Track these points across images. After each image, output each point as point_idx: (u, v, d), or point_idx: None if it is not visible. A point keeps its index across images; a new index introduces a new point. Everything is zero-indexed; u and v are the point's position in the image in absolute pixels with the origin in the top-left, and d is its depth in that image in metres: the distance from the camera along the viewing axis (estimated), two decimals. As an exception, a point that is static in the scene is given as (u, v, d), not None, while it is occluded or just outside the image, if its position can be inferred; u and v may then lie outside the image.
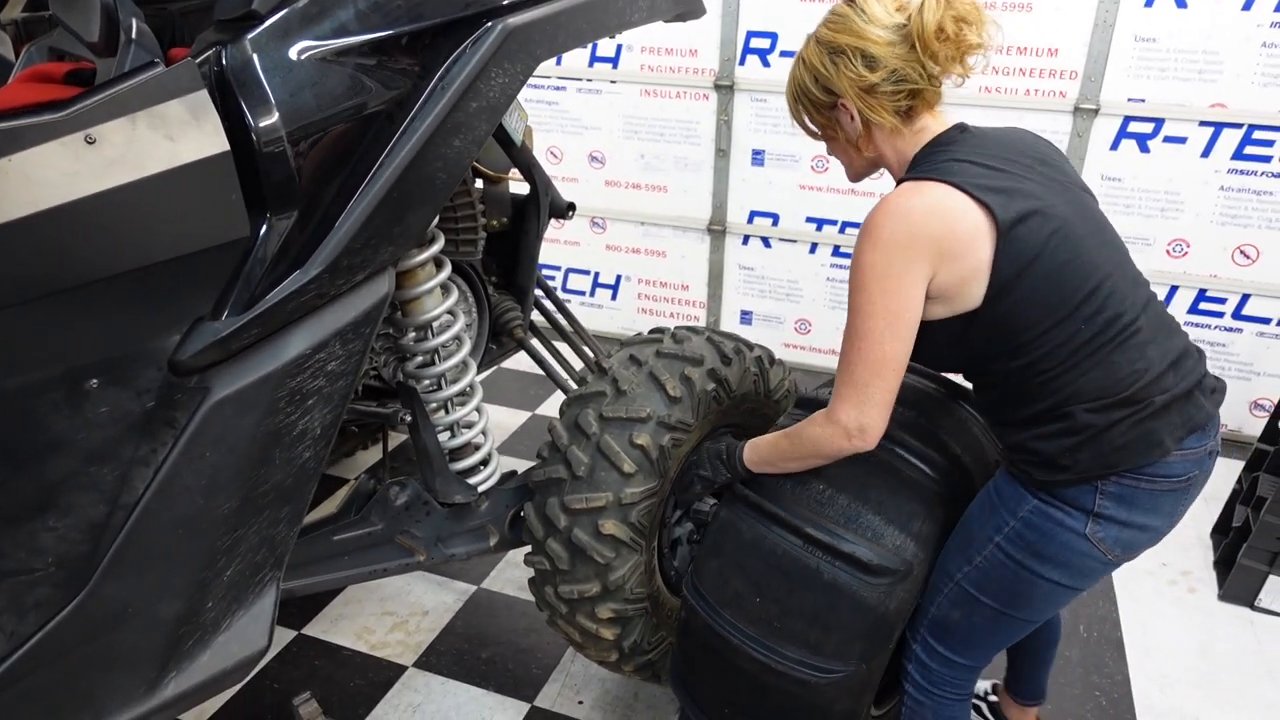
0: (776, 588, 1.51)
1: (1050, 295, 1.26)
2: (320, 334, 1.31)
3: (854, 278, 1.31)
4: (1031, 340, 1.28)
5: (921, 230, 1.24)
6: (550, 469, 1.82)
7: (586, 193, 3.94)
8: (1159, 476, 1.31)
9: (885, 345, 1.28)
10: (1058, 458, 1.30)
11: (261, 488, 1.30)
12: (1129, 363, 1.28)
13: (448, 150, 1.37)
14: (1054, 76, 3.16)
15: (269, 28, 1.20)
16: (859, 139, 1.40)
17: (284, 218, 1.23)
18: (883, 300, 1.27)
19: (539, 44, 1.46)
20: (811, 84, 1.38)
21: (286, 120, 1.20)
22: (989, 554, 1.40)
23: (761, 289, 3.89)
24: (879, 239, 1.27)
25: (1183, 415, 1.30)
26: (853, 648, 1.48)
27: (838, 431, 1.35)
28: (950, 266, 1.25)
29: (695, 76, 3.60)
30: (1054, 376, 1.29)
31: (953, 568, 1.46)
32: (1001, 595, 1.42)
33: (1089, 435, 1.28)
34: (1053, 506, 1.34)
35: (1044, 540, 1.35)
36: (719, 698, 1.67)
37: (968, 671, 1.54)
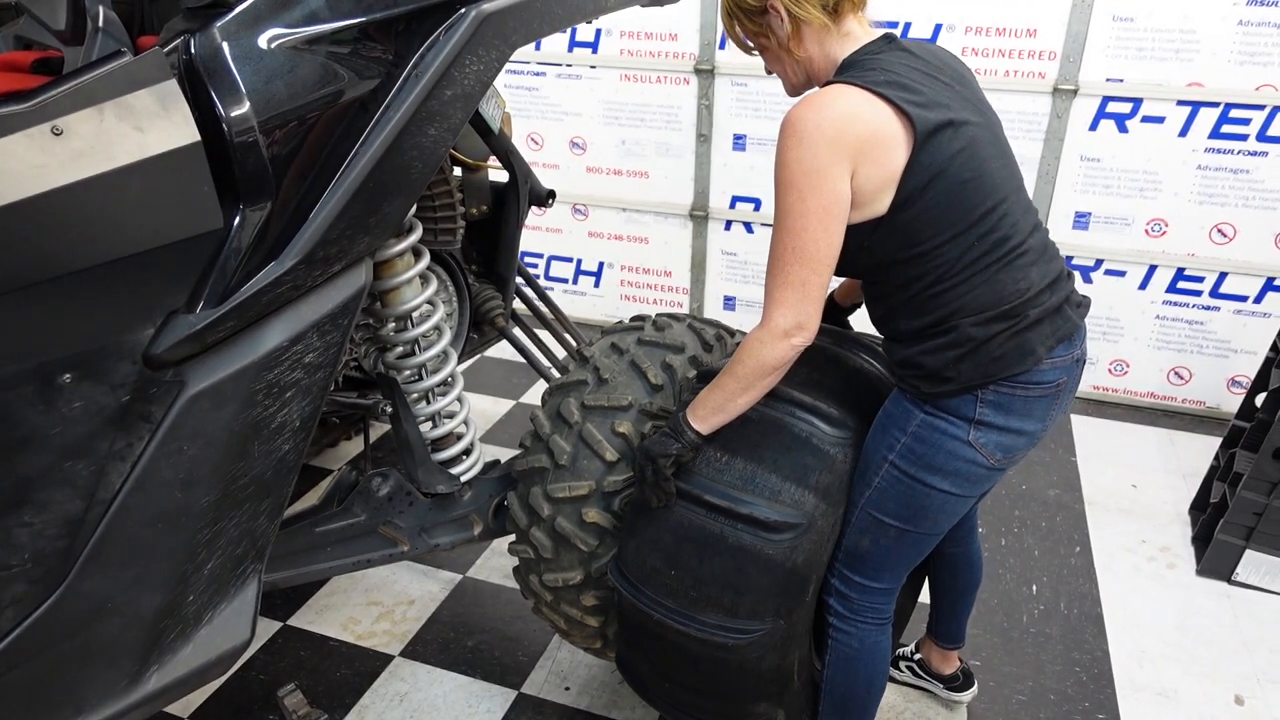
0: (687, 558, 1.54)
1: (950, 209, 1.31)
2: (297, 326, 1.30)
3: (781, 175, 1.31)
4: (928, 251, 1.33)
5: (846, 128, 1.26)
6: (533, 458, 1.82)
7: (568, 179, 3.92)
8: (1032, 384, 1.39)
9: (819, 241, 1.30)
10: (943, 370, 1.38)
11: (240, 481, 1.30)
12: (1013, 281, 1.36)
13: (423, 139, 1.36)
14: (1033, 57, 3.16)
15: (238, 15, 1.19)
16: (790, 41, 1.40)
17: (258, 209, 1.21)
18: (814, 197, 1.28)
19: (514, 30, 1.45)
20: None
21: (258, 110, 1.18)
22: (885, 473, 1.47)
23: (745, 274, 3.89)
24: (804, 134, 1.27)
25: (1053, 326, 1.40)
26: (767, 605, 1.51)
27: (776, 335, 1.35)
28: (867, 170, 1.28)
29: (675, 61, 3.58)
30: (944, 290, 1.35)
31: (856, 495, 1.53)
32: (902, 513, 1.49)
33: (970, 347, 1.36)
34: (937, 418, 1.41)
35: (932, 451, 1.42)
36: (656, 674, 1.71)
37: (884, 595, 1.60)
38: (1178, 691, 2.14)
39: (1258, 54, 2.95)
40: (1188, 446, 3.22)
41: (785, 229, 1.31)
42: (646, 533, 1.61)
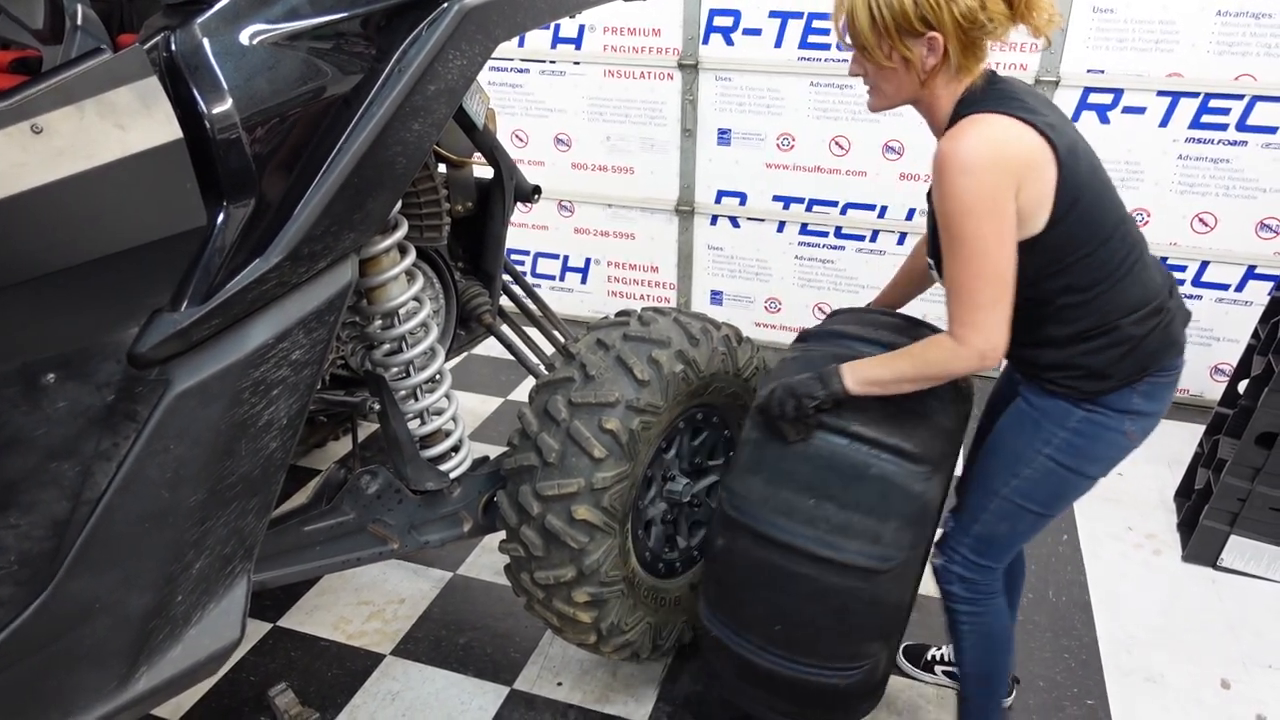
0: (831, 486, 1.56)
1: (1095, 220, 1.41)
2: (283, 323, 1.29)
3: (954, 207, 1.34)
4: (1081, 260, 1.41)
5: (1008, 152, 1.33)
6: (521, 456, 1.82)
7: (553, 176, 3.92)
8: (1172, 370, 1.53)
9: (1004, 261, 1.36)
10: (1105, 368, 1.47)
11: (228, 479, 1.29)
12: (1150, 279, 1.48)
13: (407, 134, 1.36)
14: (1014, 49, 3.18)
15: (218, 11, 1.18)
16: (923, 76, 1.40)
17: (241, 205, 1.21)
18: (991, 220, 1.34)
19: (497, 24, 1.45)
20: (911, 12, 1.33)
21: (240, 106, 1.18)
22: (1038, 465, 1.55)
23: (731, 269, 3.90)
24: (971, 164, 1.32)
25: (1184, 315, 1.55)
26: (905, 535, 1.55)
27: (971, 354, 1.40)
28: (1026, 191, 1.34)
29: (659, 56, 3.58)
30: (1099, 294, 1.44)
31: (998, 484, 1.60)
32: (1048, 500, 1.58)
33: (1131, 345, 1.46)
34: (1097, 414, 1.50)
35: (1093, 444, 1.52)
36: (770, 614, 1.68)
37: (998, 572, 1.71)
38: (1165, 676, 2.16)
39: (1236, 44, 2.97)
40: (1171, 434, 3.22)
41: (971, 254, 1.36)
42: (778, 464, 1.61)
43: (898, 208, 3.54)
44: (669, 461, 2.05)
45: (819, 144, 3.52)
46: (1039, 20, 1.38)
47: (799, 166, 3.59)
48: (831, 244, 3.70)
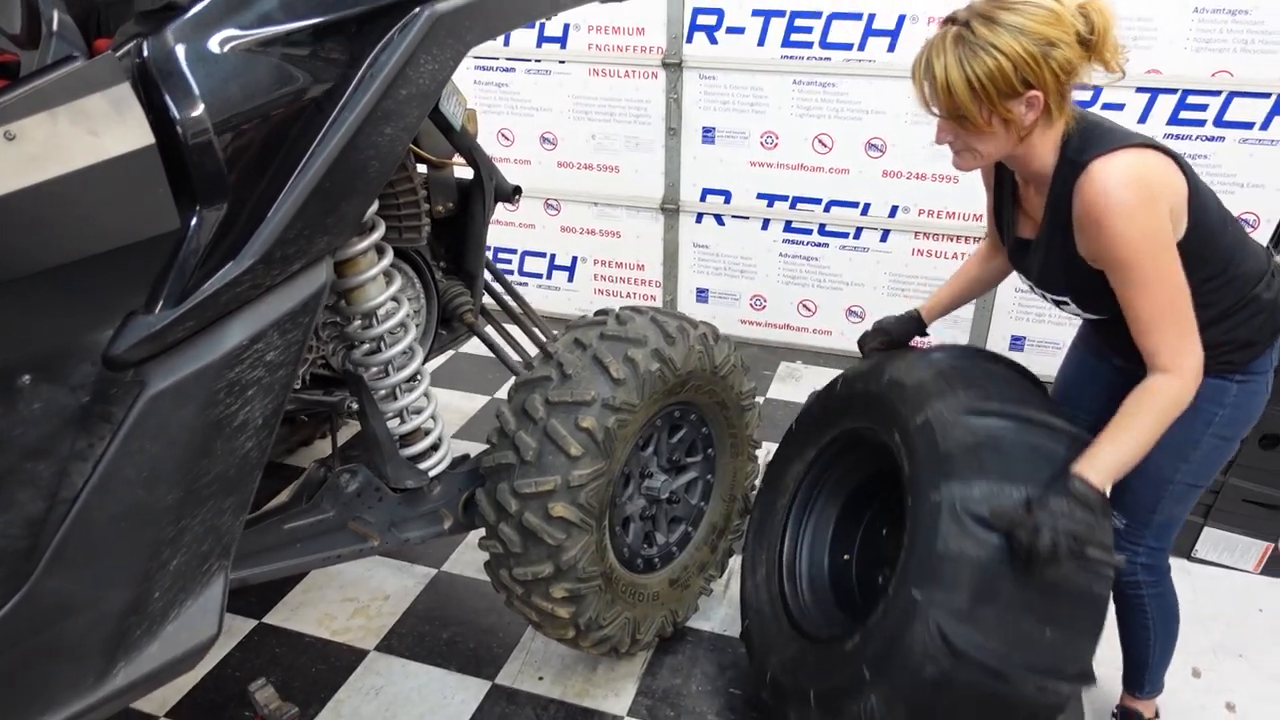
0: (1061, 613, 1.47)
1: (1214, 210, 1.51)
2: (257, 324, 1.31)
3: (1133, 251, 1.40)
4: (1215, 250, 1.51)
5: (1154, 184, 1.40)
6: (499, 454, 1.85)
7: (539, 175, 3.94)
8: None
9: (1183, 283, 1.44)
10: (1254, 336, 1.57)
11: (204, 479, 1.31)
12: (1256, 246, 1.61)
13: (379, 138, 1.38)
14: (994, 49, 3.20)
15: (191, 18, 1.20)
16: (1023, 133, 1.42)
17: (215, 209, 1.23)
18: (1166, 251, 1.41)
19: (469, 29, 1.47)
20: (1011, 74, 1.34)
21: (213, 112, 1.20)
22: (1205, 445, 1.63)
23: (716, 266, 3.93)
24: (1134, 207, 1.38)
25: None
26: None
27: (1192, 380, 1.46)
28: (1172, 209, 1.43)
29: (643, 55, 3.60)
30: (1232, 276, 1.53)
31: (1168, 473, 1.65)
32: (1212, 472, 1.69)
33: (1269, 308, 1.57)
34: (1249, 381, 1.60)
35: (1249, 411, 1.63)
36: None
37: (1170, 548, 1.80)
38: (1137, 667, 2.19)
39: (1213, 40, 3.00)
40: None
41: (1159, 286, 1.42)
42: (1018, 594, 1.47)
43: (880, 205, 3.57)
44: (647, 459, 2.08)
45: (802, 142, 3.55)
46: (1112, 56, 1.40)
47: (782, 164, 3.62)
48: (815, 241, 3.73)
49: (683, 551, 2.24)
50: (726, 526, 2.31)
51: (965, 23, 1.38)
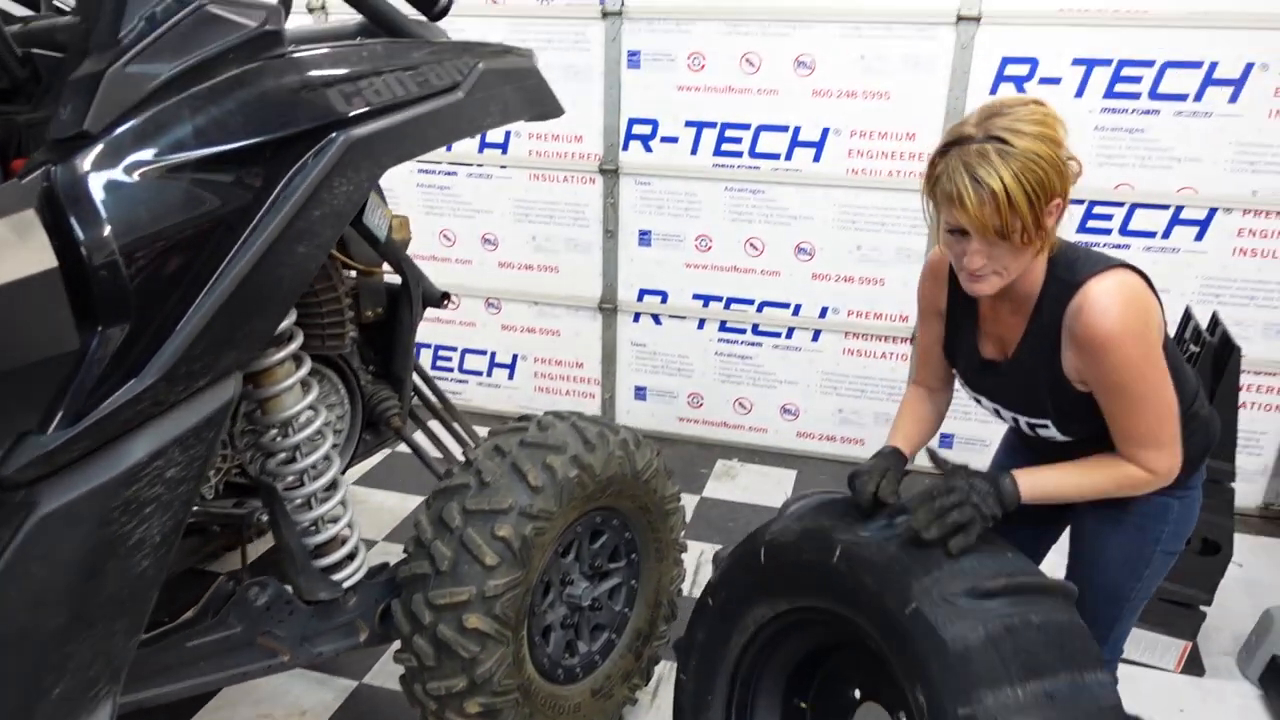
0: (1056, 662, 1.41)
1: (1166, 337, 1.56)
2: (159, 441, 1.31)
3: (1133, 372, 1.46)
4: (1177, 367, 1.57)
5: (1145, 306, 1.47)
6: (415, 564, 1.83)
7: (480, 274, 4.00)
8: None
9: (1173, 397, 1.51)
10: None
11: (94, 601, 1.28)
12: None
13: (292, 256, 1.41)
14: (914, 159, 3.38)
15: (101, 148, 1.23)
16: (1041, 245, 1.43)
17: (118, 328, 1.23)
18: (1159, 368, 1.48)
19: (385, 153, 1.52)
20: (1053, 180, 1.36)
21: (118, 234, 1.21)
22: (1155, 561, 1.69)
23: (654, 365, 3.98)
24: (1134, 330, 1.44)
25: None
26: None
27: (1165, 477, 1.54)
28: (1158, 330, 1.50)
29: (581, 161, 3.72)
30: (1181, 394, 1.55)
31: (1125, 591, 1.72)
32: (1156, 585, 1.74)
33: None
34: (1187, 496, 1.67)
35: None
36: None
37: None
38: None
39: (1114, 156, 3.20)
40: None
41: (1154, 403, 1.49)
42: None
43: (811, 306, 3.67)
44: (568, 565, 2.07)
45: (735, 245, 3.66)
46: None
47: (716, 266, 3.72)
48: (750, 340, 3.81)
49: (606, 660, 2.21)
50: (652, 632, 2.29)
51: (996, 138, 1.35)
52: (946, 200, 1.40)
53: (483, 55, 1.81)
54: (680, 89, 3.49)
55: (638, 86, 3.54)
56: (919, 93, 3.27)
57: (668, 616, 2.33)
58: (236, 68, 1.38)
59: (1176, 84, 3.05)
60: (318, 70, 1.48)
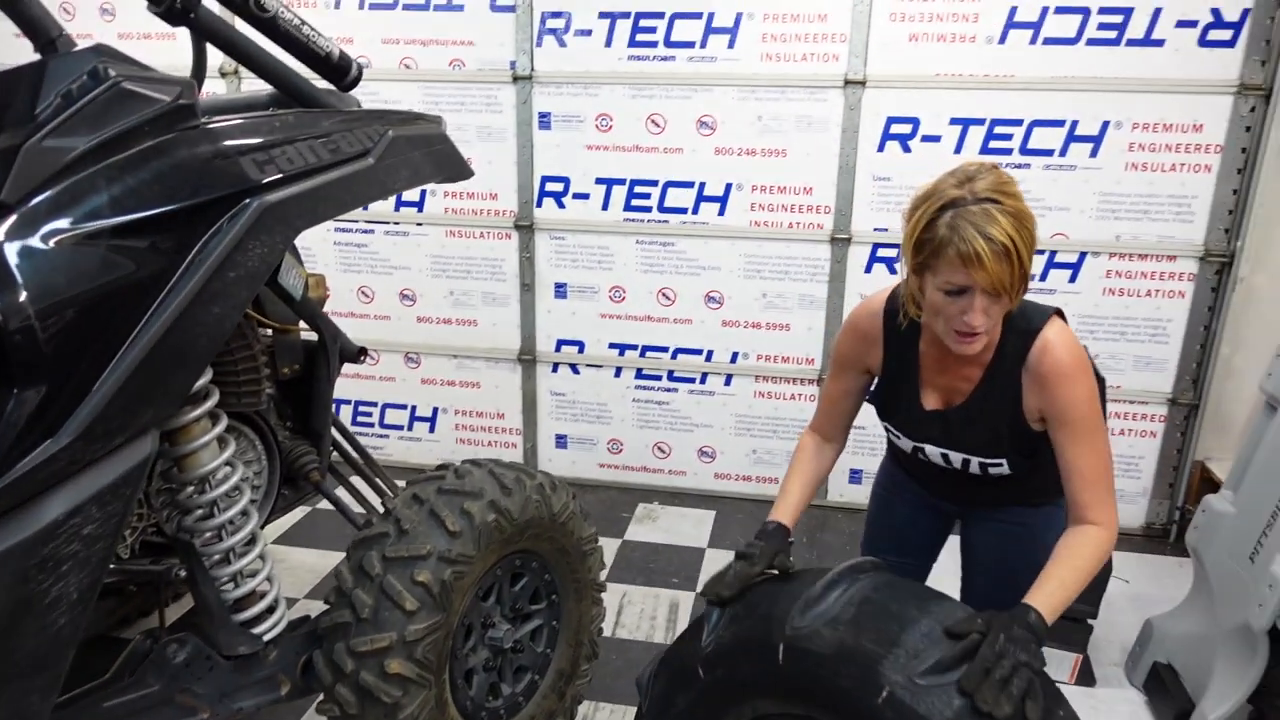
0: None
1: None
2: (76, 499, 1.34)
3: (1087, 404, 1.56)
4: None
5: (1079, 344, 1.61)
6: (336, 614, 1.86)
7: (399, 330, 4.05)
8: None
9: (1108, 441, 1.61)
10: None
11: (11, 659, 1.30)
12: None
13: (207, 317, 1.47)
14: (811, 211, 3.58)
15: (17, 217, 1.28)
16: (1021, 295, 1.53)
17: (33, 390, 1.28)
18: (1099, 404, 1.60)
19: (298, 216, 1.60)
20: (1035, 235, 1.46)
21: (33, 300, 1.26)
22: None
23: (574, 413, 4.07)
24: (1084, 363, 1.57)
25: None
26: None
27: (1114, 533, 1.58)
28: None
29: (497, 218, 3.84)
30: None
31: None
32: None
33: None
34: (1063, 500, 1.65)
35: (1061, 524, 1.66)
36: None
37: None
38: None
39: (994, 206, 3.45)
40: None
41: (1100, 438, 1.57)
42: None
43: (722, 352, 3.83)
44: (489, 609, 2.12)
45: (647, 295, 3.81)
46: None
47: (631, 316, 3.86)
48: (666, 387, 3.94)
49: (529, 701, 2.25)
50: (574, 672, 2.35)
51: (989, 199, 1.41)
52: (960, 260, 1.41)
53: (392, 122, 1.92)
54: (590, 148, 3.65)
55: (549, 146, 3.69)
56: (813, 150, 3.49)
57: (589, 656, 2.39)
58: (151, 139, 1.45)
59: (1043, 140, 3.34)
60: (231, 140, 1.56)
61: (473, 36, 3.63)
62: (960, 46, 3.29)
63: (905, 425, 1.79)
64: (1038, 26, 3.23)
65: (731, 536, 3.66)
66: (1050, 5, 3.20)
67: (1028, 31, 3.24)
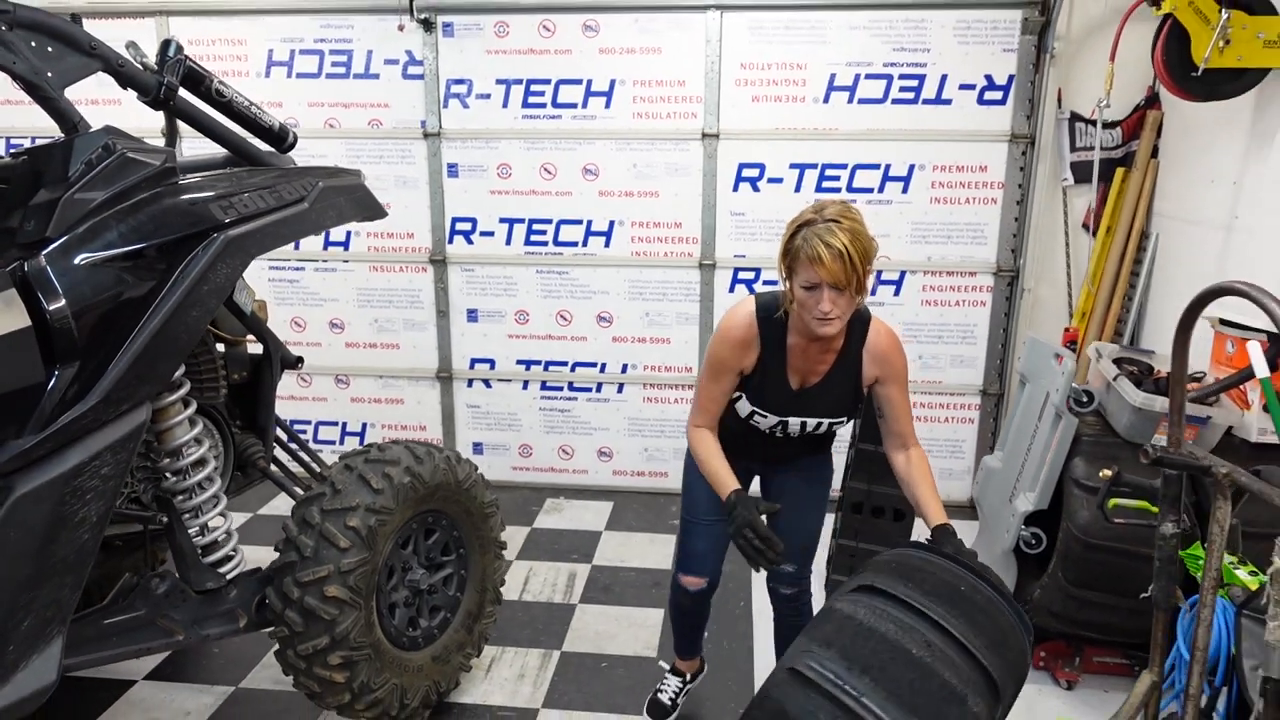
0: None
1: None
2: (97, 447, 1.87)
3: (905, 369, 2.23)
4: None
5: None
6: (285, 556, 2.40)
7: (329, 355, 4.57)
8: None
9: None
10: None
11: (52, 560, 1.82)
12: None
13: (187, 319, 2.03)
14: (682, 242, 4.25)
15: (57, 247, 1.83)
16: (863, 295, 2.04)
17: (70, 367, 1.82)
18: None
19: (253, 245, 2.17)
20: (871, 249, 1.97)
21: (71, 304, 1.81)
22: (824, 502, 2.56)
23: (488, 423, 4.63)
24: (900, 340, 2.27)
25: None
26: None
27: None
28: None
29: (414, 254, 4.42)
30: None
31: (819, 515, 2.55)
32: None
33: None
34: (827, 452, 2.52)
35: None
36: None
37: None
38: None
39: (832, 235, 4.17)
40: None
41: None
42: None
43: (614, 364, 4.45)
44: (407, 556, 2.68)
45: (548, 317, 4.42)
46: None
47: (534, 335, 4.46)
48: (567, 396, 4.54)
49: (443, 633, 2.80)
50: (480, 613, 2.90)
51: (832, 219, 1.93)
52: (809, 261, 1.93)
53: (321, 175, 2.50)
54: (493, 193, 4.28)
55: (458, 191, 4.30)
56: (681, 191, 4.17)
57: (493, 600, 2.95)
58: (146, 192, 2.02)
59: (865, 180, 4.08)
60: (201, 191, 2.13)
61: (388, 100, 4.24)
62: (793, 105, 4.02)
63: (774, 404, 2.26)
64: (852, 90, 3.98)
65: (626, 521, 4.25)
66: (861, 73, 3.96)
67: (845, 93, 3.99)
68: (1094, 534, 2.72)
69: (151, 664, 3.03)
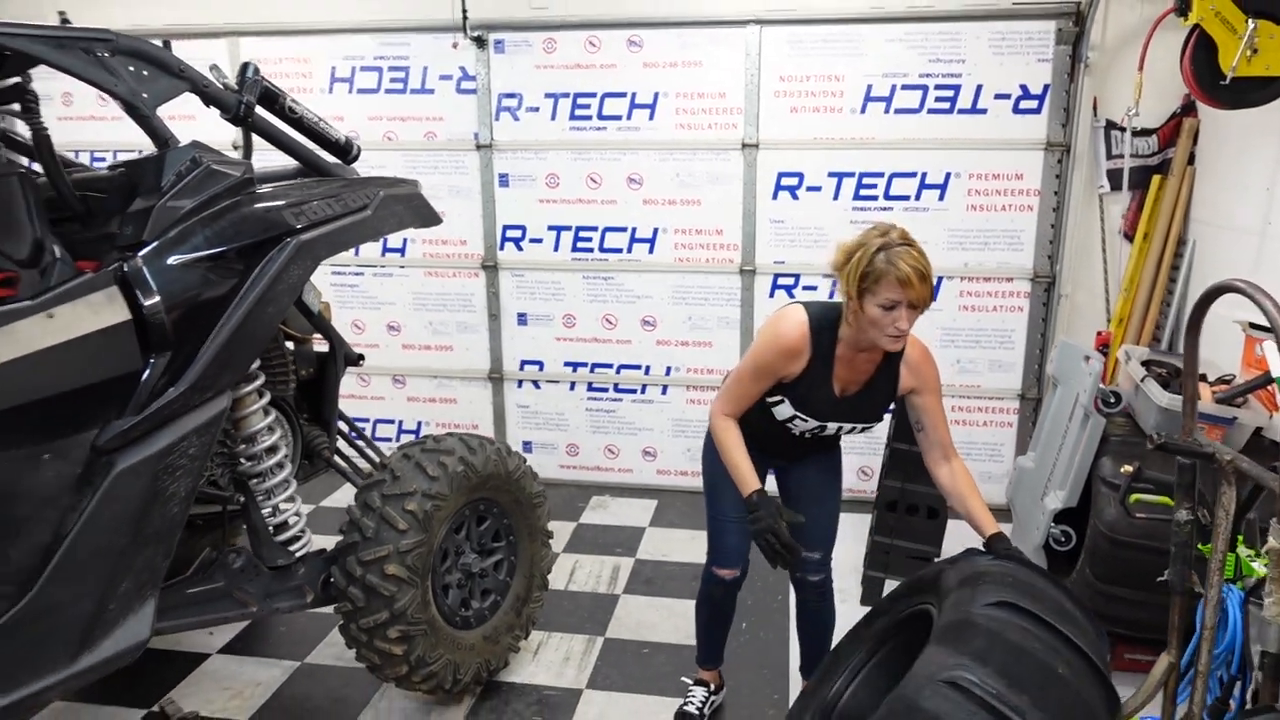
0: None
1: None
2: (185, 429, 2.08)
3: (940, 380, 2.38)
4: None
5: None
6: (349, 537, 2.59)
7: (387, 356, 4.80)
8: None
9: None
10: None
11: (146, 530, 2.03)
12: None
13: (264, 315, 2.23)
14: (723, 249, 4.40)
15: (152, 249, 2.05)
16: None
17: (163, 357, 2.03)
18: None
19: (322, 249, 2.37)
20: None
21: (164, 300, 2.02)
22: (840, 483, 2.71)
23: (537, 422, 4.82)
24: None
25: None
26: None
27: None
28: None
29: (467, 260, 4.63)
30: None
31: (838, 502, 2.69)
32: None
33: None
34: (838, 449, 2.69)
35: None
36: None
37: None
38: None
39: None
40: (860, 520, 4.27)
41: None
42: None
43: (658, 367, 4.61)
44: (461, 541, 2.86)
45: (594, 321, 4.59)
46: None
47: (581, 339, 4.63)
48: (612, 397, 4.71)
49: (494, 615, 2.97)
50: (529, 597, 3.07)
51: (906, 243, 2.10)
52: (898, 283, 2.05)
53: (383, 185, 2.70)
54: (541, 201, 4.47)
55: (508, 200, 4.50)
56: (722, 199, 4.32)
57: (540, 586, 3.12)
58: (229, 200, 2.23)
59: (901, 188, 4.18)
60: (276, 200, 2.34)
61: (443, 113, 4.46)
62: (831, 116, 4.14)
63: (816, 410, 2.37)
64: (889, 100, 4.09)
65: (669, 519, 4.40)
66: (898, 83, 4.07)
67: (882, 104, 4.10)
68: (1121, 531, 2.79)
69: (225, 639, 3.26)
